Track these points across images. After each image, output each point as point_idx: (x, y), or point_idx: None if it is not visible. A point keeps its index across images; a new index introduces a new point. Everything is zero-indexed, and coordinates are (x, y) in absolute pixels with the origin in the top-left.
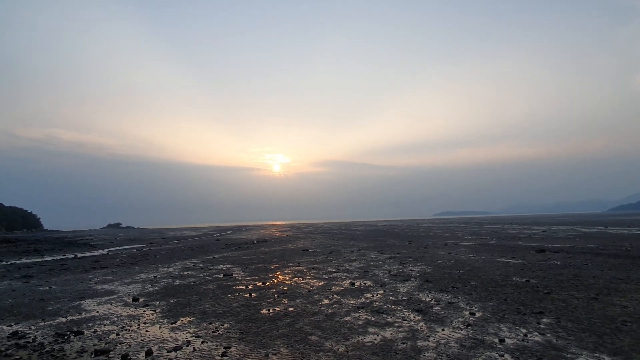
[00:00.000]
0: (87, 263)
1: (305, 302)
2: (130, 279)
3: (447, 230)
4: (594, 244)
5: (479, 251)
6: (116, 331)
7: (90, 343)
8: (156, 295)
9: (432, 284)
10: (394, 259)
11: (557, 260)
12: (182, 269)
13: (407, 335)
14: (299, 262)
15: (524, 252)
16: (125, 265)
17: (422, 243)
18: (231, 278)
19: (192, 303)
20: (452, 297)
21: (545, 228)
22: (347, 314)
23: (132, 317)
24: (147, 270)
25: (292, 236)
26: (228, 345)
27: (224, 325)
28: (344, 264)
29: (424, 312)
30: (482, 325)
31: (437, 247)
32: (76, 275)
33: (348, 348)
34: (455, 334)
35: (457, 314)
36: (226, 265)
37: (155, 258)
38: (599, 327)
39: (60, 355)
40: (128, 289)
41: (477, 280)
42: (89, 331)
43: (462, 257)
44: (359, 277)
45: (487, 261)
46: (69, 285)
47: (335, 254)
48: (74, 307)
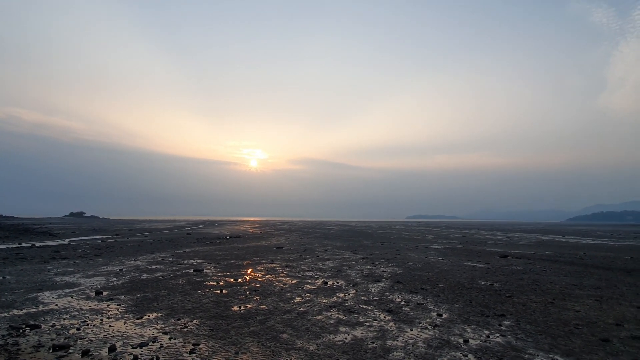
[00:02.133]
0: (46, 253)
1: (278, 300)
2: (93, 271)
3: (418, 233)
4: (552, 252)
5: (448, 255)
6: (77, 325)
7: (47, 337)
8: (121, 289)
9: (402, 285)
10: (366, 260)
11: (518, 265)
12: (150, 263)
13: (377, 334)
14: (273, 259)
15: (489, 257)
16: (88, 257)
17: (394, 245)
18: (202, 273)
19: (160, 298)
20: (421, 298)
21: (509, 234)
22: (319, 313)
23: (94, 311)
24: (112, 263)
25: (267, 233)
26: (197, 342)
27: (193, 321)
28: (318, 262)
29: (394, 312)
30: (448, 326)
31: (408, 249)
32: (33, 265)
33: (319, 347)
34: (423, 334)
35: (425, 315)
36: (197, 260)
37: (122, 250)
38: (554, 330)
39: (14, 350)
40: (91, 282)
41: (445, 283)
42: (46, 325)
43: (431, 260)
44: (332, 277)
45: (454, 264)
46: (25, 276)
47: (309, 252)
48: (30, 299)
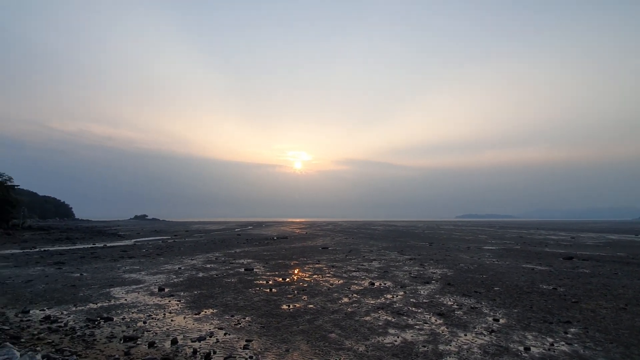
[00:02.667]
0: (116, 252)
1: (325, 300)
2: (156, 269)
3: (469, 233)
4: (624, 253)
5: (503, 256)
6: (143, 319)
7: (119, 329)
8: (180, 286)
9: (454, 287)
10: (414, 261)
11: (585, 268)
12: (205, 262)
13: (428, 338)
14: (319, 259)
15: (550, 259)
16: (151, 256)
17: (443, 245)
18: (252, 272)
19: (215, 295)
20: (474, 302)
21: (573, 234)
22: (366, 314)
23: (158, 306)
24: (172, 262)
25: (312, 234)
26: (250, 339)
27: (245, 318)
28: (364, 263)
29: (445, 315)
30: (507, 332)
31: (459, 250)
32: (106, 263)
33: (368, 348)
34: (479, 339)
35: (480, 320)
36: (247, 259)
37: (180, 250)
38: (627, 338)
39: (91, 340)
40: (154, 279)
41: (501, 286)
42: (117, 318)
43: (485, 262)
44: (379, 277)
45: (511, 267)
46: (99, 273)
47: (354, 252)
48: (103, 294)
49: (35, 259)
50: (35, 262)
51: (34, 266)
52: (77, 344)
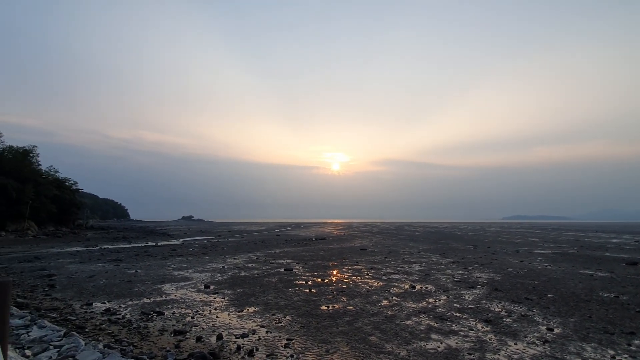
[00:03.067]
0: (166, 251)
1: (364, 302)
2: (202, 268)
3: (518, 235)
4: None
5: (557, 261)
6: (191, 314)
7: (170, 323)
8: (224, 284)
9: (501, 293)
10: (457, 264)
11: None
12: (247, 261)
13: (474, 346)
14: (357, 261)
15: (612, 264)
16: (197, 255)
17: (489, 248)
18: (291, 273)
19: (257, 294)
20: (525, 309)
21: (638, 238)
22: (407, 318)
23: (204, 303)
24: (216, 261)
25: (350, 235)
26: (290, 337)
27: (286, 317)
28: (404, 265)
29: (493, 322)
30: (562, 343)
31: (506, 254)
32: (157, 261)
33: (410, 353)
34: (530, 350)
35: (532, 328)
36: (286, 260)
37: (223, 249)
38: None
39: (145, 332)
40: (200, 277)
41: (556, 293)
42: (168, 312)
43: (536, 266)
44: (420, 281)
45: (567, 272)
46: (151, 270)
47: (394, 254)
48: (155, 289)
49: (96, 256)
50: (96, 259)
51: (96, 262)
52: (133, 336)
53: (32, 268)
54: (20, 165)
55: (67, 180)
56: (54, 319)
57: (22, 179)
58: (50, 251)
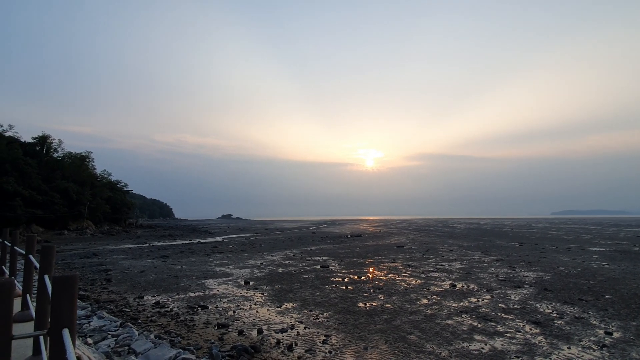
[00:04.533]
0: (208, 248)
1: (402, 300)
2: (241, 264)
3: (569, 232)
4: None
5: (616, 259)
6: (232, 309)
7: (213, 317)
8: (263, 280)
9: (552, 293)
10: (501, 262)
11: None
12: (284, 258)
13: (522, 348)
14: (394, 258)
15: None
16: (237, 252)
17: (536, 246)
18: (328, 270)
19: (294, 290)
20: (579, 311)
21: None
22: (448, 317)
23: (244, 298)
24: (255, 257)
25: (386, 232)
26: (328, 334)
27: (323, 314)
28: (443, 263)
29: (542, 324)
30: (623, 348)
31: (557, 252)
32: (200, 257)
33: (452, 353)
34: (586, 355)
35: (588, 332)
36: (322, 257)
37: (261, 247)
38: None
39: (191, 325)
40: (240, 273)
41: (615, 294)
42: (212, 306)
43: (591, 265)
44: (461, 279)
45: (627, 272)
46: (195, 266)
47: (432, 252)
48: (199, 284)
49: (146, 252)
50: (146, 255)
51: (146, 259)
52: (180, 327)
53: (91, 263)
54: (79, 169)
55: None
56: (111, 311)
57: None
58: (106, 248)
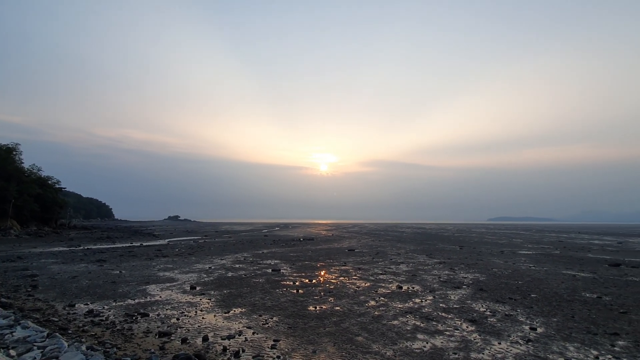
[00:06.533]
0: (151, 251)
1: (352, 303)
2: (188, 268)
3: (503, 236)
4: None
5: (541, 261)
6: (176, 316)
7: (154, 325)
8: (211, 285)
9: (486, 293)
10: (444, 265)
11: (636, 276)
12: (234, 262)
13: (459, 345)
14: (345, 261)
15: (594, 265)
16: (183, 255)
17: (474, 249)
18: (279, 273)
19: (244, 295)
20: (509, 309)
21: (621, 239)
22: (394, 318)
23: (190, 304)
24: (203, 261)
25: (338, 235)
26: (277, 339)
27: (273, 318)
28: (391, 266)
29: (477, 322)
30: (545, 343)
31: (492, 255)
32: (142, 261)
33: (396, 352)
34: (514, 349)
35: (516, 328)
36: (274, 260)
37: (210, 250)
38: None
39: (129, 334)
40: (186, 278)
41: (539, 293)
42: (153, 314)
43: (520, 267)
44: (407, 281)
45: (550, 273)
46: (136, 271)
47: (381, 255)
48: (140, 290)
49: (79, 256)
50: (79, 259)
51: (79, 263)
52: (117, 337)
53: (15, 268)
54: (3, 163)
55: (50, 178)
56: (37, 320)
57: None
58: (33, 251)
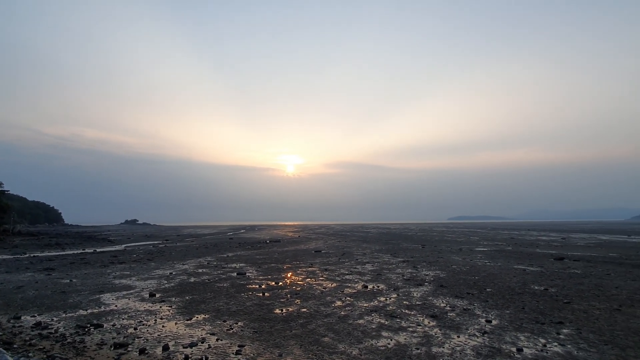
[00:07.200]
0: (106, 258)
1: (318, 304)
2: (147, 275)
3: (461, 235)
4: (616, 253)
5: (495, 257)
6: (134, 325)
7: (109, 336)
8: (172, 291)
9: (446, 289)
10: (407, 263)
11: (577, 269)
12: (197, 267)
13: (421, 340)
14: (312, 263)
15: (542, 260)
16: (142, 261)
17: (436, 247)
18: (245, 277)
19: (207, 300)
20: (467, 303)
21: (564, 235)
22: (360, 317)
23: (149, 312)
24: (163, 267)
25: (305, 237)
26: (242, 344)
27: (238, 323)
28: (357, 266)
29: (438, 317)
30: (499, 334)
31: (451, 252)
32: (96, 269)
33: (361, 351)
34: (471, 341)
35: (473, 321)
36: (239, 264)
37: (171, 255)
38: (622, 340)
39: (81, 347)
40: (145, 285)
41: (493, 287)
42: (108, 324)
43: (477, 263)
44: (372, 280)
45: (503, 268)
46: (89, 279)
47: (347, 255)
48: (93, 300)
49: (25, 264)
50: (25, 268)
51: (25, 272)
52: (67, 351)
53: None
54: None
55: None
56: None
57: None
58: None
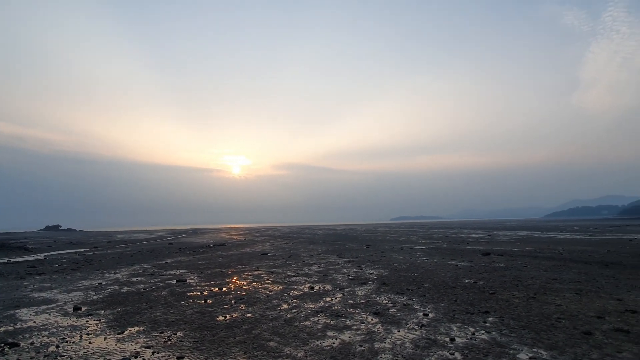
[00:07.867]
0: (22, 269)
1: (264, 308)
2: (71, 287)
3: (402, 234)
4: (532, 248)
5: (432, 254)
6: (56, 343)
7: (27, 356)
8: (101, 303)
9: (388, 286)
10: (352, 263)
11: (500, 262)
12: (131, 275)
13: (364, 337)
14: (258, 266)
15: (471, 255)
16: (65, 272)
17: (379, 247)
18: (185, 284)
19: (142, 311)
20: (407, 299)
21: (490, 232)
22: (306, 319)
23: (73, 328)
24: (91, 277)
25: (251, 239)
26: (181, 355)
27: (176, 334)
28: (303, 267)
29: (381, 314)
30: (435, 326)
31: (393, 251)
32: (9, 282)
33: (307, 353)
34: (410, 334)
35: (412, 316)
36: (179, 270)
37: (100, 263)
38: (537, 324)
39: None
40: (69, 297)
41: (430, 282)
42: (25, 343)
43: (416, 260)
44: (318, 281)
45: (439, 264)
46: (1, 293)
47: (294, 257)
48: (8, 316)
49: None
50: None
51: None
52: None
53: None
54: None
55: None
56: None
57: None
58: None
